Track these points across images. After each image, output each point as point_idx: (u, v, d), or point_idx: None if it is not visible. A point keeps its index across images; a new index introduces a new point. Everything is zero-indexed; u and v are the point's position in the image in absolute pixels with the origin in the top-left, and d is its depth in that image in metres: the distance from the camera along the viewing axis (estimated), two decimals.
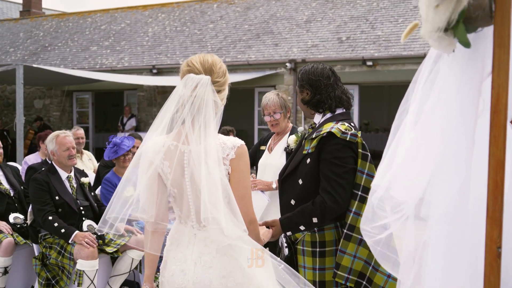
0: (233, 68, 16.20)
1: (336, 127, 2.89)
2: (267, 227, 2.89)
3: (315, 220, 2.85)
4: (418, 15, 15.72)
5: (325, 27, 16.81)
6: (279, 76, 15.73)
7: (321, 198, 2.85)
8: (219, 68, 2.38)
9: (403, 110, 1.66)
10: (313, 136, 2.95)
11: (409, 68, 14.34)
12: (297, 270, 3.08)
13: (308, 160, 2.93)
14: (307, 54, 15.57)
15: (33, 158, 7.07)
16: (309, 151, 2.94)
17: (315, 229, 2.97)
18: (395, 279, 2.89)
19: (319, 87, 3.04)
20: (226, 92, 2.43)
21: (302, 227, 2.88)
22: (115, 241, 4.90)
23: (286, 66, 15.47)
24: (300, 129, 4.03)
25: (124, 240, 4.91)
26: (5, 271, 4.95)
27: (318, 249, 2.98)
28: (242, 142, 2.31)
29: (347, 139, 2.86)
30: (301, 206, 2.90)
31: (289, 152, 4.06)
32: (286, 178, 3.08)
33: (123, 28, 21.05)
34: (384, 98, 20.36)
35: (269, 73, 15.66)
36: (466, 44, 1.52)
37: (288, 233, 2.95)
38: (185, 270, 2.34)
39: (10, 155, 15.99)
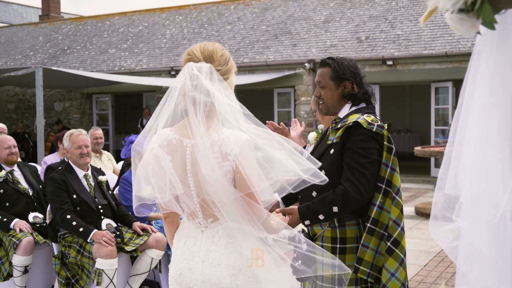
0: (251, 69, 16.16)
1: (363, 118, 2.81)
2: (284, 215, 2.78)
3: (335, 209, 2.74)
4: (438, 14, 15.54)
5: (344, 27, 16.69)
6: (298, 77, 15.65)
7: (343, 187, 2.75)
8: (221, 55, 2.26)
9: (459, 107, 1.58)
10: (338, 126, 2.86)
11: (430, 67, 14.16)
12: None
13: (332, 151, 2.84)
14: (326, 54, 15.46)
15: (52, 158, 7.07)
16: (334, 141, 2.85)
17: (336, 224, 2.88)
18: (398, 279, 2.80)
19: (359, 80, 2.97)
20: (230, 81, 2.30)
21: (321, 216, 2.77)
22: (134, 240, 4.85)
23: (305, 66, 15.38)
24: (320, 126, 3.91)
25: (142, 239, 4.85)
26: (25, 270, 4.93)
27: (338, 246, 2.88)
28: (248, 137, 2.16)
29: (374, 130, 2.77)
30: (321, 195, 2.80)
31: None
32: None
33: (141, 30, 21.13)
34: (405, 98, 20.16)
35: (287, 74, 15.59)
36: (490, 25, 1.42)
37: (306, 222, 2.84)
38: (192, 269, 2.25)
39: (32, 157, 16.14)
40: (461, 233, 1.57)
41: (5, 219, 5.05)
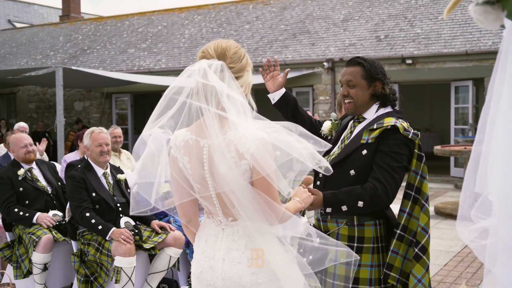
0: None
1: (400, 123, 2.82)
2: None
3: (360, 204, 2.74)
4: (458, 12, 15.35)
5: (363, 26, 16.58)
6: (317, 76, 15.58)
7: (372, 184, 2.75)
8: (234, 53, 2.21)
9: (487, 103, 1.54)
10: (375, 127, 2.83)
11: (450, 66, 14.01)
12: None
13: (365, 151, 2.83)
14: (345, 53, 15.38)
15: (72, 156, 7.12)
16: (369, 141, 2.82)
17: (355, 223, 2.86)
18: (424, 285, 2.79)
19: (388, 81, 2.96)
20: (245, 79, 2.25)
21: (344, 208, 2.77)
22: (152, 238, 4.87)
23: (324, 65, 15.31)
24: (333, 115, 3.73)
25: (161, 237, 4.87)
26: (45, 268, 4.97)
27: (355, 244, 2.86)
28: (264, 135, 2.12)
29: (409, 136, 2.80)
30: (348, 187, 2.79)
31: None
32: (333, 167, 2.93)
33: (160, 30, 21.23)
34: (425, 97, 19.98)
35: (306, 73, 15.53)
36: None
37: (328, 210, 2.84)
38: (213, 267, 2.25)
39: (52, 156, 16.31)
40: (490, 231, 1.55)
41: (27, 214, 5.10)
